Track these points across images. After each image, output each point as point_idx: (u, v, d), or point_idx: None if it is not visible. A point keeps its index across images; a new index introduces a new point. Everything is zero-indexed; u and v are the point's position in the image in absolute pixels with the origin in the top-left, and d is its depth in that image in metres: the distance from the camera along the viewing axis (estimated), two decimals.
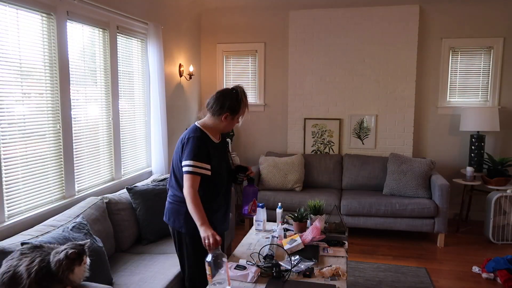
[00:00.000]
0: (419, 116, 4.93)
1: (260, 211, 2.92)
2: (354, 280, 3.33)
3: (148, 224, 3.03)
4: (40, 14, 2.62)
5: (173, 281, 2.41)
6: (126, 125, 3.69)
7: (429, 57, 4.84)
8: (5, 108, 2.38)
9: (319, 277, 2.16)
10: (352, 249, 4.00)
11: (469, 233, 4.49)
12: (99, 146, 3.30)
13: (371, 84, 4.91)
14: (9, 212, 2.43)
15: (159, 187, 3.23)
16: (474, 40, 4.70)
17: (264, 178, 4.56)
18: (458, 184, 4.70)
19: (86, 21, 3.07)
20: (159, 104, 3.94)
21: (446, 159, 4.93)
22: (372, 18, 4.81)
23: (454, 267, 3.62)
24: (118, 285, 2.34)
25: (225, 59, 5.36)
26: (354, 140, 5.02)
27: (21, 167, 2.51)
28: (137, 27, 3.77)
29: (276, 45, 5.18)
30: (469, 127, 4.49)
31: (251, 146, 5.41)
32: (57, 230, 2.30)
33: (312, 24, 4.98)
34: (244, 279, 2.10)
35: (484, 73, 4.76)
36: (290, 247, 2.38)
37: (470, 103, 4.81)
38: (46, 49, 2.68)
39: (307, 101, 5.10)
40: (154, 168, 4.04)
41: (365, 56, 4.89)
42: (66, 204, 2.82)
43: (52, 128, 2.75)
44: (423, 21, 4.78)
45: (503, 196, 4.11)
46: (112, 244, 2.80)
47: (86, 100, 3.12)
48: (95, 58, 3.23)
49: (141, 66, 3.93)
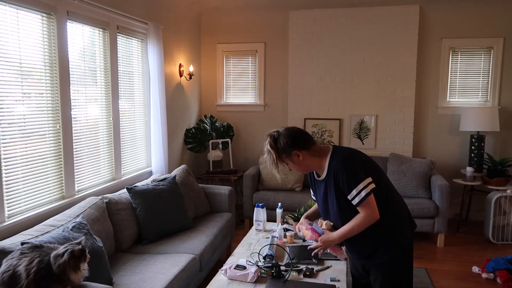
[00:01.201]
0: (419, 116, 4.93)
1: (260, 211, 2.92)
2: None
3: (148, 224, 3.03)
4: (40, 14, 2.62)
5: (173, 281, 2.41)
6: (126, 125, 3.69)
7: (429, 57, 4.84)
8: (5, 108, 2.38)
9: (319, 277, 2.16)
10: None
11: (469, 233, 4.48)
12: (99, 146, 3.30)
13: (371, 84, 4.91)
14: (9, 212, 2.43)
15: (159, 187, 3.23)
16: (474, 40, 4.70)
17: (264, 178, 4.56)
18: (458, 184, 4.70)
19: (86, 21, 3.07)
20: (159, 104, 3.94)
21: (446, 159, 4.93)
22: (372, 18, 4.81)
23: (454, 267, 3.62)
24: (118, 285, 2.34)
25: (225, 59, 5.36)
26: (354, 140, 5.02)
27: (21, 167, 2.51)
28: (137, 27, 3.77)
29: (276, 45, 5.18)
30: (469, 127, 4.49)
31: (251, 146, 5.41)
32: (57, 230, 2.30)
33: (312, 24, 4.98)
34: (244, 279, 2.11)
35: (484, 73, 4.76)
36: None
37: (470, 103, 4.81)
38: (46, 49, 2.68)
39: (307, 101, 5.10)
40: (154, 168, 4.04)
41: (365, 56, 4.88)
42: (66, 204, 2.82)
43: (52, 128, 2.75)
44: (423, 21, 4.78)
45: (503, 196, 4.11)
46: (112, 244, 2.80)
47: (86, 100, 3.12)
48: (95, 58, 3.23)
49: (141, 66, 3.93)
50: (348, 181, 1.81)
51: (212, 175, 4.81)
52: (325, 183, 1.93)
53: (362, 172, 1.82)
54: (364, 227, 1.83)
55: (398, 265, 1.96)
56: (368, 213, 1.80)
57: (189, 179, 3.71)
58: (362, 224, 1.82)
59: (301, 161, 1.91)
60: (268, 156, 1.94)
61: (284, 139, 1.89)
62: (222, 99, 5.43)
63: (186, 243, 2.98)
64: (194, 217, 3.59)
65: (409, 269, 1.99)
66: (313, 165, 1.94)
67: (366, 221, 1.82)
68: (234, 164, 5.41)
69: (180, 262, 2.63)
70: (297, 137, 1.91)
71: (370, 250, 1.95)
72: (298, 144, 1.89)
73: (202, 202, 3.71)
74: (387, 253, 1.92)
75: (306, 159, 1.91)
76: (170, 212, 3.17)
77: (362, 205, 1.80)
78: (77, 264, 1.85)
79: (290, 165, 1.95)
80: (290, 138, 1.89)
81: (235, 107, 5.38)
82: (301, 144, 1.90)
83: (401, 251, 1.94)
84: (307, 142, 1.91)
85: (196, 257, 2.78)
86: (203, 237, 3.11)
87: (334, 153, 1.90)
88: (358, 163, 1.85)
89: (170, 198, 3.23)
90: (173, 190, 3.30)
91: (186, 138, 4.94)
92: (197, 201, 3.66)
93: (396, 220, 1.92)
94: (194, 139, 4.95)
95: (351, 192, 1.81)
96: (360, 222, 1.82)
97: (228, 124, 5.18)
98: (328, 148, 1.94)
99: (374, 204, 1.82)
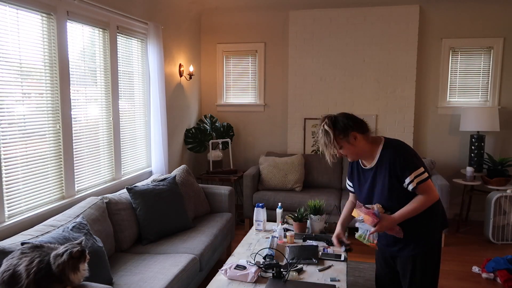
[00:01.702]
0: (419, 116, 4.93)
1: (260, 211, 2.93)
2: (354, 280, 3.33)
3: (148, 224, 3.03)
4: (40, 14, 2.62)
5: (173, 281, 2.41)
6: (126, 125, 3.69)
7: (429, 57, 4.84)
8: (5, 108, 2.38)
9: (319, 277, 2.16)
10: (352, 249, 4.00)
11: (469, 233, 4.48)
12: (99, 146, 3.30)
13: (371, 84, 4.91)
14: (9, 212, 2.43)
15: (159, 187, 3.23)
16: (474, 40, 4.70)
17: (264, 178, 4.56)
18: (458, 184, 4.70)
19: (86, 21, 3.07)
20: (159, 104, 3.94)
21: (446, 159, 4.93)
22: (372, 18, 4.81)
23: (454, 267, 3.62)
24: (118, 285, 2.34)
25: (225, 59, 5.36)
26: None
27: (21, 167, 2.51)
28: (137, 27, 3.77)
29: (276, 45, 5.18)
30: (469, 127, 4.49)
31: (251, 146, 5.41)
32: (57, 230, 2.30)
33: (312, 24, 4.98)
34: (244, 279, 2.11)
35: (484, 73, 4.76)
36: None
37: (470, 103, 4.81)
38: (46, 49, 2.68)
39: (307, 101, 5.10)
40: (154, 168, 4.04)
41: (365, 56, 4.88)
42: (66, 204, 2.82)
43: (52, 128, 2.75)
44: (423, 21, 4.78)
45: (503, 196, 4.11)
46: (112, 244, 2.80)
47: (86, 100, 3.12)
48: (95, 58, 3.23)
49: (141, 66, 3.93)
50: (407, 166, 1.92)
51: (212, 175, 4.81)
52: (374, 171, 2.02)
53: (417, 161, 1.95)
54: (425, 207, 1.93)
55: (428, 260, 2.04)
56: (429, 193, 1.92)
57: (189, 179, 3.71)
58: (423, 204, 1.92)
59: (357, 143, 1.98)
60: (324, 137, 1.97)
61: (344, 119, 1.99)
62: (222, 99, 5.43)
63: (186, 243, 2.98)
64: (194, 217, 3.59)
65: (438, 265, 2.07)
66: (364, 151, 2.02)
67: (428, 200, 1.92)
68: (234, 164, 5.41)
69: (180, 262, 2.63)
70: (356, 119, 2.02)
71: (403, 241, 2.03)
72: (357, 125, 1.99)
73: (202, 202, 3.71)
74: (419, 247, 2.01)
75: (361, 142, 1.99)
76: (170, 212, 3.17)
77: (422, 187, 1.91)
78: (76, 264, 1.84)
79: (345, 146, 1.99)
80: (350, 119, 2.00)
81: (235, 107, 5.39)
82: (359, 126, 2.00)
83: (431, 246, 2.03)
84: (364, 127, 2.03)
85: (196, 257, 2.78)
86: (203, 237, 3.11)
87: (387, 143, 2.01)
88: (412, 153, 1.97)
89: (170, 198, 3.23)
90: (173, 190, 3.30)
91: (186, 138, 4.94)
92: (197, 201, 3.66)
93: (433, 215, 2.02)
94: (194, 139, 4.95)
95: (409, 177, 1.91)
96: (422, 202, 1.92)
97: (228, 124, 5.18)
98: (380, 138, 2.05)
99: (433, 186, 1.94)
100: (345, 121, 1.98)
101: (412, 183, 1.91)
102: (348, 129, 1.96)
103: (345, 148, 1.99)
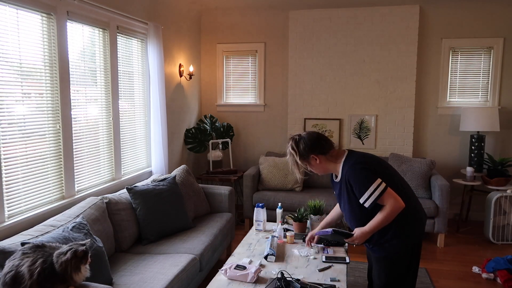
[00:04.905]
0: (419, 116, 4.93)
1: (260, 211, 2.92)
2: (354, 280, 3.33)
3: (148, 224, 3.03)
4: (40, 14, 2.62)
5: (173, 281, 2.41)
6: (126, 125, 3.69)
7: (429, 57, 4.84)
8: (5, 108, 2.38)
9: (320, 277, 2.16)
10: (352, 249, 4.00)
11: (469, 233, 4.48)
12: (99, 146, 3.30)
13: (371, 84, 4.91)
14: (9, 212, 2.43)
15: (159, 187, 3.23)
16: (474, 40, 4.70)
17: (264, 178, 4.56)
18: (458, 184, 4.70)
19: (86, 21, 3.07)
20: (159, 104, 3.94)
21: (446, 159, 4.93)
22: (372, 18, 4.81)
23: (454, 267, 3.62)
24: (118, 285, 2.34)
25: (225, 59, 5.36)
26: (354, 140, 5.02)
27: (21, 167, 2.51)
28: (137, 27, 3.77)
29: (276, 45, 5.18)
30: (469, 127, 4.49)
31: (251, 146, 5.41)
32: (57, 230, 2.29)
33: (312, 24, 4.98)
34: (244, 279, 2.10)
35: (484, 73, 4.76)
36: None
37: (470, 103, 4.81)
38: (46, 49, 2.68)
39: (307, 101, 5.10)
40: (154, 168, 4.04)
41: (365, 56, 4.88)
42: (66, 204, 2.82)
43: (52, 128, 2.75)
44: (423, 21, 4.78)
45: (503, 196, 4.11)
46: (112, 244, 2.80)
47: (86, 100, 3.12)
48: (95, 58, 3.23)
49: (141, 66, 3.93)
50: (359, 186, 1.97)
51: (212, 175, 4.81)
52: (340, 185, 2.12)
53: (371, 175, 1.96)
54: (392, 217, 1.95)
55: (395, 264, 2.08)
56: (392, 203, 1.93)
57: (189, 179, 3.71)
58: (389, 215, 1.94)
59: (318, 164, 2.11)
60: (290, 157, 2.14)
61: (306, 142, 2.09)
62: (222, 99, 5.43)
63: (186, 243, 2.98)
64: (194, 217, 3.59)
65: (409, 270, 2.10)
66: (329, 169, 2.13)
67: (393, 210, 1.93)
68: (234, 164, 5.41)
69: (180, 262, 2.63)
70: (315, 143, 2.09)
71: (379, 241, 2.06)
72: (315, 149, 2.08)
73: (202, 202, 3.71)
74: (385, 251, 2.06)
75: (322, 162, 2.10)
76: (170, 212, 3.17)
77: (382, 199, 1.93)
78: (77, 264, 1.85)
79: (310, 165, 2.14)
80: (309, 144, 2.08)
81: (235, 107, 5.38)
82: (318, 149, 2.08)
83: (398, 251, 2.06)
84: (324, 148, 2.09)
85: (196, 257, 2.78)
86: (203, 237, 3.11)
87: (346, 159, 2.07)
88: (366, 168, 1.99)
89: (170, 198, 3.23)
90: (173, 190, 3.30)
91: (186, 138, 4.94)
92: (197, 201, 3.66)
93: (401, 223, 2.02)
94: (194, 139, 4.95)
95: (363, 195, 1.95)
96: (387, 213, 1.94)
97: (228, 124, 5.18)
98: (343, 153, 2.11)
99: (395, 194, 1.94)
100: (307, 143, 2.08)
101: (368, 200, 1.94)
102: (307, 153, 2.08)
103: (310, 166, 2.14)
